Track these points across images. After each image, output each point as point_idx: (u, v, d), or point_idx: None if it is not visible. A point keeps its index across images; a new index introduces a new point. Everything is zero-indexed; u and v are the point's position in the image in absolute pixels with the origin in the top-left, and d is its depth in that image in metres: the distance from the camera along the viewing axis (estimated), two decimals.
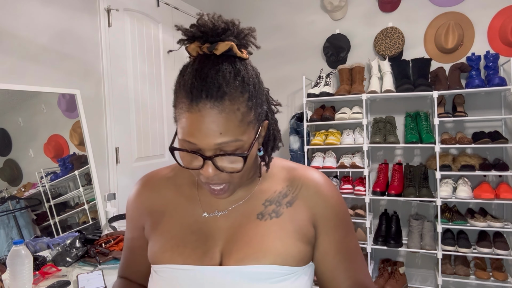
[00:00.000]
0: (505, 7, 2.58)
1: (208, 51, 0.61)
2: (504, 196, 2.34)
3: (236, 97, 0.58)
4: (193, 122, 0.57)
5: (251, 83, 0.61)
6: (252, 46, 0.66)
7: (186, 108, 0.58)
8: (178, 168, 0.79)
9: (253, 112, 0.61)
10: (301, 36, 3.12)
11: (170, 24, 2.68)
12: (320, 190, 0.72)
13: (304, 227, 0.70)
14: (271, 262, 0.65)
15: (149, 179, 0.80)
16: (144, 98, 2.42)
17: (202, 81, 0.57)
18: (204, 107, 0.57)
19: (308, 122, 2.80)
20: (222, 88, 0.57)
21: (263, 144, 0.72)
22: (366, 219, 2.65)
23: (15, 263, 1.14)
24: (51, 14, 1.83)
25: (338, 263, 0.72)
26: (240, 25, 0.63)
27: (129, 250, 0.83)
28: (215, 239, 0.69)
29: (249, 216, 0.70)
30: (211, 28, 0.60)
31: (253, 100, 0.61)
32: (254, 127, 0.63)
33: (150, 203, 0.77)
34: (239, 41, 0.62)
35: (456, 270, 2.51)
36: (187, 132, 0.58)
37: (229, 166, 0.61)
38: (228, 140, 0.58)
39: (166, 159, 2.61)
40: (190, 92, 0.57)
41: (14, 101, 1.65)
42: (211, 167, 0.60)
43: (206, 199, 0.74)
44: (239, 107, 0.58)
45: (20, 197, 1.61)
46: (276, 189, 0.73)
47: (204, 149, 0.59)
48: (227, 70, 0.59)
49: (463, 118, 2.51)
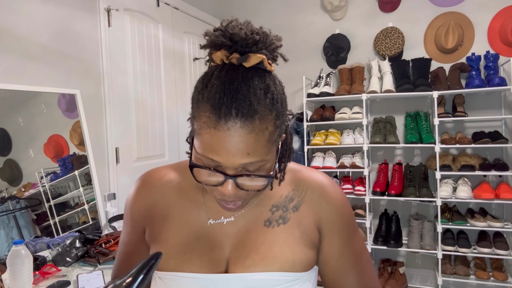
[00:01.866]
0: (505, 7, 2.58)
1: (237, 63, 0.56)
2: (504, 196, 2.34)
3: (266, 116, 0.55)
4: (220, 140, 0.54)
5: (279, 101, 0.58)
6: (280, 58, 0.62)
7: (212, 124, 0.54)
8: (180, 169, 0.76)
9: (278, 131, 0.58)
10: (301, 36, 3.12)
11: (170, 24, 2.68)
12: (325, 193, 0.72)
13: (310, 232, 0.69)
14: (278, 269, 0.65)
15: (150, 179, 0.75)
16: (144, 98, 2.42)
17: (232, 98, 0.53)
18: (233, 126, 0.53)
19: (308, 122, 2.80)
20: (253, 107, 0.53)
21: (279, 158, 0.68)
22: (366, 219, 2.65)
23: (15, 263, 1.14)
24: (51, 13, 1.83)
25: (343, 265, 0.72)
26: (271, 36, 0.60)
27: (125, 255, 0.77)
28: (221, 246, 0.68)
29: (256, 222, 0.69)
30: (243, 38, 0.56)
31: (280, 118, 0.58)
32: (277, 144, 0.60)
33: (152, 205, 0.73)
34: (269, 54, 0.59)
35: (456, 270, 2.51)
36: (211, 149, 0.55)
37: (250, 185, 0.59)
38: (254, 160, 0.55)
39: (166, 159, 2.61)
40: (219, 109, 0.53)
41: (14, 101, 1.65)
42: (232, 185, 0.57)
43: (212, 204, 0.71)
44: (267, 126, 0.55)
45: (20, 197, 1.61)
46: (282, 194, 0.72)
47: (227, 168, 0.56)
48: (258, 86, 0.55)
49: (463, 118, 2.51)
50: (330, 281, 0.73)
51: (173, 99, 2.69)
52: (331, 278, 0.73)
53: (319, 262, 0.73)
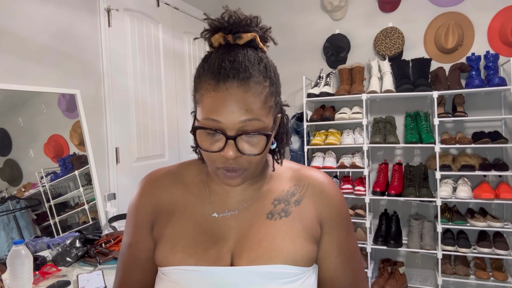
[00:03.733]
0: (505, 7, 2.58)
1: (233, 41, 0.64)
2: (504, 196, 2.34)
3: (260, 81, 0.61)
4: (219, 100, 0.59)
5: (273, 72, 0.65)
6: (270, 41, 0.70)
7: (212, 88, 0.60)
8: (183, 166, 0.79)
9: (274, 98, 0.64)
10: (301, 36, 3.13)
11: (170, 24, 2.68)
12: (325, 190, 0.74)
13: (312, 226, 0.71)
14: (282, 262, 0.66)
15: (154, 177, 0.77)
16: (144, 98, 2.42)
17: (230, 64, 0.60)
18: (231, 86, 0.59)
19: (308, 122, 2.80)
20: (249, 70, 0.60)
21: (276, 138, 0.74)
22: (366, 219, 2.65)
23: (15, 263, 1.14)
24: (51, 14, 1.83)
25: (340, 263, 0.73)
26: (261, 21, 0.68)
27: (132, 258, 0.74)
28: (226, 239, 0.69)
29: (259, 215, 0.71)
30: (237, 21, 0.64)
31: (273, 86, 0.64)
32: (273, 115, 0.65)
33: (157, 202, 0.74)
34: (261, 34, 0.67)
35: (456, 270, 2.51)
36: (212, 110, 0.60)
37: (250, 149, 0.62)
38: (252, 117, 0.60)
39: (166, 159, 2.61)
40: (218, 73, 0.59)
41: (14, 101, 1.65)
42: (232, 149, 0.60)
43: (216, 198, 0.73)
44: (262, 91, 0.61)
45: (20, 197, 1.61)
46: (284, 188, 0.74)
47: (227, 129, 0.60)
48: (252, 56, 0.62)
49: (463, 118, 2.51)
50: (328, 278, 0.74)
51: (173, 99, 2.69)
52: (329, 275, 0.74)
53: (318, 259, 0.73)
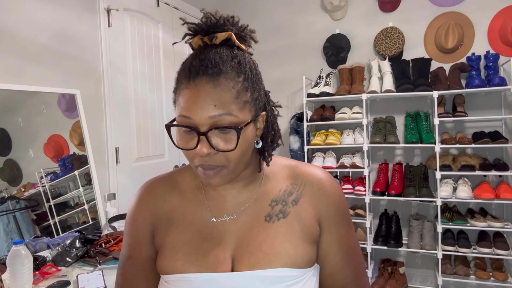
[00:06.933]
0: (505, 7, 2.58)
1: (209, 41, 0.64)
2: (504, 196, 2.34)
3: (232, 77, 0.60)
4: (189, 96, 0.60)
5: (248, 67, 0.64)
6: (250, 41, 0.69)
7: (184, 86, 0.61)
8: (179, 172, 0.78)
9: (250, 93, 0.63)
10: (301, 36, 3.12)
11: (170, 24, 2.67)
12: (323, 187, 0.73)
13: (310, 226, 0.70)
14: (282, 265, 0.65)
15: (151, 186, 0.77)
16: (144, 98, 2.42)
17: (200, 61, 0.61)
18: (200, 82, 0.59)
19: (308, 122, 2.80)
20: (218, 66, 0.60)
21: (262, 138, 0.71)
22: (366, 219, 2.65)
23: (15, 263, 1.14)
24: (51, 13, 1.83)
25: (340, 260, 0.73)
26: (240, 21, 0.68)
27: (134, 269, 0.73)
28: (225, 244, 0.68)
29: (257, 218, 0.70)
30: (213, 22, 0.64)
31: (249, 82, 0.63)
32: (251, 110, 0.63)
33: (156, 210, 0.74)
34: (238, 33, 0.66)
35: (456, 270, 2.51)
36: (183, 107, 0.60)
37: (224, 145, 0.61)
38: (222, 112, 0.59)
39: (166, 159, 2.61)
40: (189, 71, 0.61)
41: (14, 101, 1.65)
42: (205, 145, 0.60)
43: (214, 203, 0.73)
44: (234, 86, 0.60)
45: (20, 197, 1.61)
46: (280, 188, 0.73)
47: (199, 125, 0.60)
48: (225, 53, 0.62)
49: (463, 118, 2.51)
50: (328, 276, 0.74)
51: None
52: (329, 272, 0.73)
53: (319, 257, 0.73)
